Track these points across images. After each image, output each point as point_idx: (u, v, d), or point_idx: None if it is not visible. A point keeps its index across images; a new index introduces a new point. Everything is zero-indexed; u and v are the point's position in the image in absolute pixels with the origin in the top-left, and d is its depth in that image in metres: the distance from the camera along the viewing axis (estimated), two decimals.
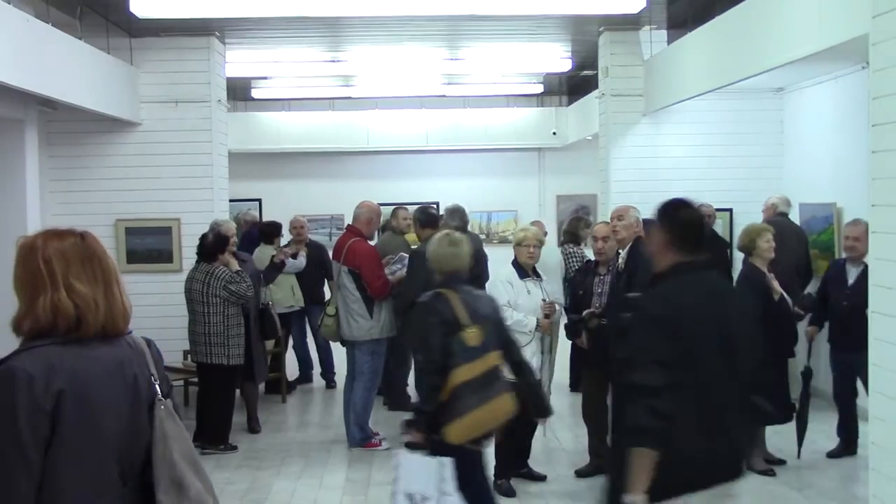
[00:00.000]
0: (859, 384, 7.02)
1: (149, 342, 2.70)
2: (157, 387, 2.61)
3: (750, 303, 4.23)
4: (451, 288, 4.82)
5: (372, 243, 8.31)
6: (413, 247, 8.41)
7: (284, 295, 9.86)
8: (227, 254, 7.82)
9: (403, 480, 4.44)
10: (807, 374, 7.37)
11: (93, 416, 2.44)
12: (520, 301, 6.63)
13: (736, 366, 3.57)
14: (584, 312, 6.79)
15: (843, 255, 7.49)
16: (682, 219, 3.79)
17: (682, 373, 3.42)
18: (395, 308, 7.81)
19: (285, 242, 10.90)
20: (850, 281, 7.21)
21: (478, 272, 9.70)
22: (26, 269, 2.48)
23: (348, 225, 8.29)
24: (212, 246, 7.74)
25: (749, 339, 3.70)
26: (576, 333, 6.96)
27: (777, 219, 8.82)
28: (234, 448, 7.91)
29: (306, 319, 10.48)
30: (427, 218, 8.07)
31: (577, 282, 7.24)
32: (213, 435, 7.81)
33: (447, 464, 4.37)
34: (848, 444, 7.41)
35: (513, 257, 6.94)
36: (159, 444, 2.56)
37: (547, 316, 6.68)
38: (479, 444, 4.70)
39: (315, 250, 10.45)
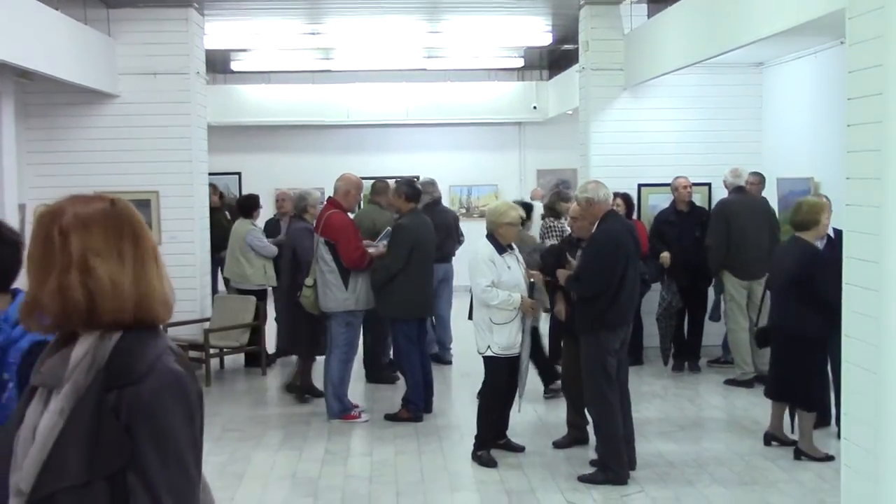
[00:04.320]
0: None
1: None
2: None
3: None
4: None
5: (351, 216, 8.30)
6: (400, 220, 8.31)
7: (256, 272, 9.87)
8: None
9: None
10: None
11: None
12: (503, 278, 6.57)
13: None
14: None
15: None
16: None
17: None
18: (373, 282, 7.82)
19: (272, 216, 10.88)
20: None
21: (443, 242, 9.73)
22: (38, 243, 2.00)
23: (328, 198, 8.27)
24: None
25: None
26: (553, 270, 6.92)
27: (736, 195, 9.03)
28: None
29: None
30: (412, 191, 8.08)
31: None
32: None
33: None
34: (822, 415, 7.48)
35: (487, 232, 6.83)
36: None
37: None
38: None
39: None
